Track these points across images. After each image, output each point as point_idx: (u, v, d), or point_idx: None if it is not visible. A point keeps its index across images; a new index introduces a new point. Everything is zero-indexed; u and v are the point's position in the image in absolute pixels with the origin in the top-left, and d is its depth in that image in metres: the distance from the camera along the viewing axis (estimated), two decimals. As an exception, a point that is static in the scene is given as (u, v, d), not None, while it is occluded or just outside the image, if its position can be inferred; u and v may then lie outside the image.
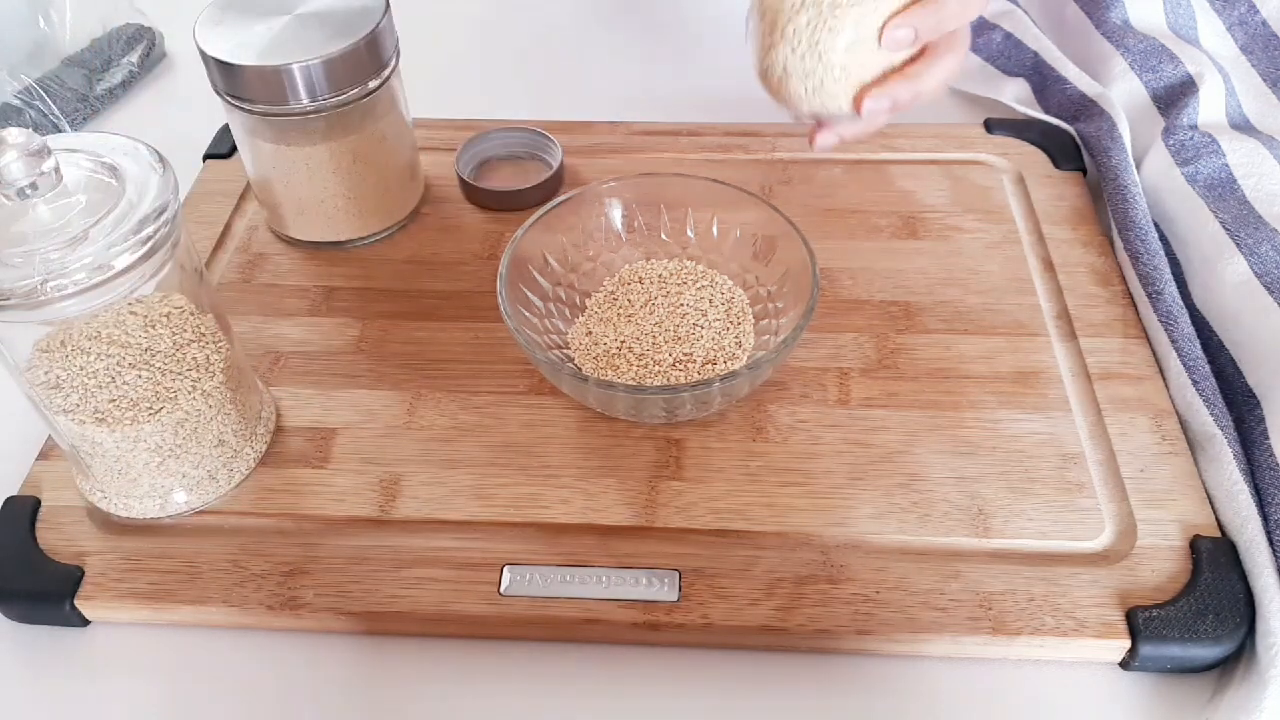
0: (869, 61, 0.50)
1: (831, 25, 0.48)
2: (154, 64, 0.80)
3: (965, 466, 0.48)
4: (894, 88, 0.49)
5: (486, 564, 0.45)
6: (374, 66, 0.55)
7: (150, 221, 0.40)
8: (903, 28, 0.48)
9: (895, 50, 0.49)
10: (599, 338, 0.53)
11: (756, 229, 0.54)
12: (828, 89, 0.50)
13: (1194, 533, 0.45)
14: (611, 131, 0.68)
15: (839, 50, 0.49)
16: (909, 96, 0.50)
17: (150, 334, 0.44)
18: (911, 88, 0.50)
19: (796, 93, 0.51)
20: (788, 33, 0.49)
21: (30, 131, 0.39)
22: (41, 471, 0.50)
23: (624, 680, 0.44)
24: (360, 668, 0.44)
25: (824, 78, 0.50)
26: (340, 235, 0.61)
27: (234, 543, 0.47)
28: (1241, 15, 0.69)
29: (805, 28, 0.49)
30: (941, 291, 0.57)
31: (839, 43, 0.49)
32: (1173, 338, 0.52)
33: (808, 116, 0.53)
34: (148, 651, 0.45)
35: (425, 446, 0.50)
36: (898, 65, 0.50)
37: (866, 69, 0.50)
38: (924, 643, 0.43)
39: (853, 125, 0.53)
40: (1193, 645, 0.42)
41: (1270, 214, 0.55)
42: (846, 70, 0.50)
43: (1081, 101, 0.66)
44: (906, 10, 0.48)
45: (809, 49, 0.49)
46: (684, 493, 0.48)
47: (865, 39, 0.49)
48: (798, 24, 0.49)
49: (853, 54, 0.49)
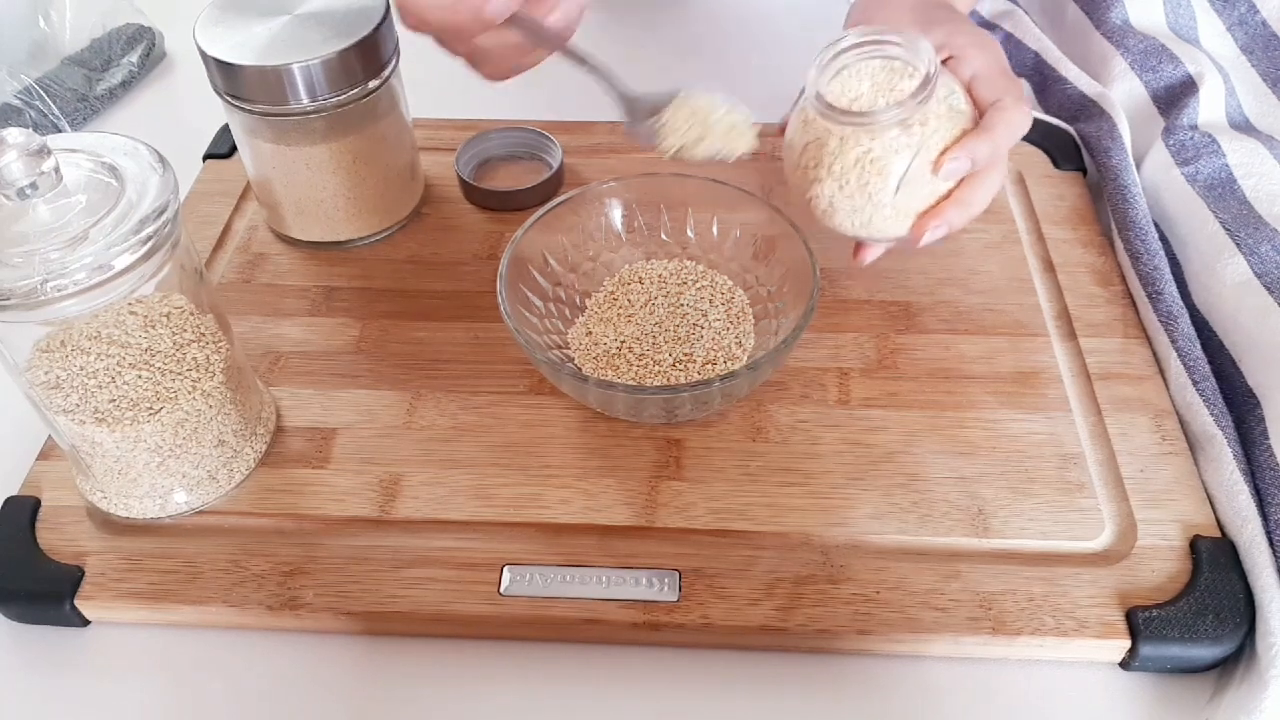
0: (920, 193, 0.48)
1: (881, 169, 0.47)
2: (154, 64, 0.80)
3: (965, 466, 0.48)
4: (950, 214, 0.49)
5: (486, 564, 0.45)
6: (374, 66, 0.55)
7: (150, 221, 0.40)
8: (960, 159, 0.47)
9: (950, 180, 0.48)
10: (599, 338, 0.53)
11: (756, 229, 0.54)
12: (876, 223, 0.49)
13: (1194, 533, 0.45)
14: (611, 131, 0.68)
15: (888, 191, 0.48)
16: (962, 220, 0.49)
17: (150, 334, 0.44)
18: (966, 213, 0.49)
19: (842, 224, 0.50)
20: (835, 170, 0.48)
21: (30, 131, 0.39)
22: (41, 471, 0.50)
23: (624, 680, 0.44)
24: (360, 668, 0.44)
25: (873, 215, 0.49)
26: (340, 235, 0.61)
27: (234, 543, 0.47)
28: (1241, 15, 0.69)
29: (854, 167, 0.47)
30: (941, 291, 0.57)
31: (889, 184, 0.47)
32: (1173, 338, 0.52)
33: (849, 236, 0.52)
34: (148, 651, 0.45)
35: (425, 446, 0.50)
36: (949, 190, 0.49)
37: (917, 199, 0.49)
38: (924, 643, 0.43)
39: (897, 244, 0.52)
40: (1193, 645, 0.42)
41: (1270, 214, 0.55)
42: (896, 208, 0.49)
43: (1081, 101, 0.66)
44: (960, 144, 0.47)
45: (858, 189, 0.48)
46: (684, 493, 0.48)
47: (917, 176, 0.48)
48: (845, 163, 0.48)
49: (904, 191, 0.48)
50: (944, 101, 0.47)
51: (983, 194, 0.49)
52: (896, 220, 0.49)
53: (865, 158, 0.47)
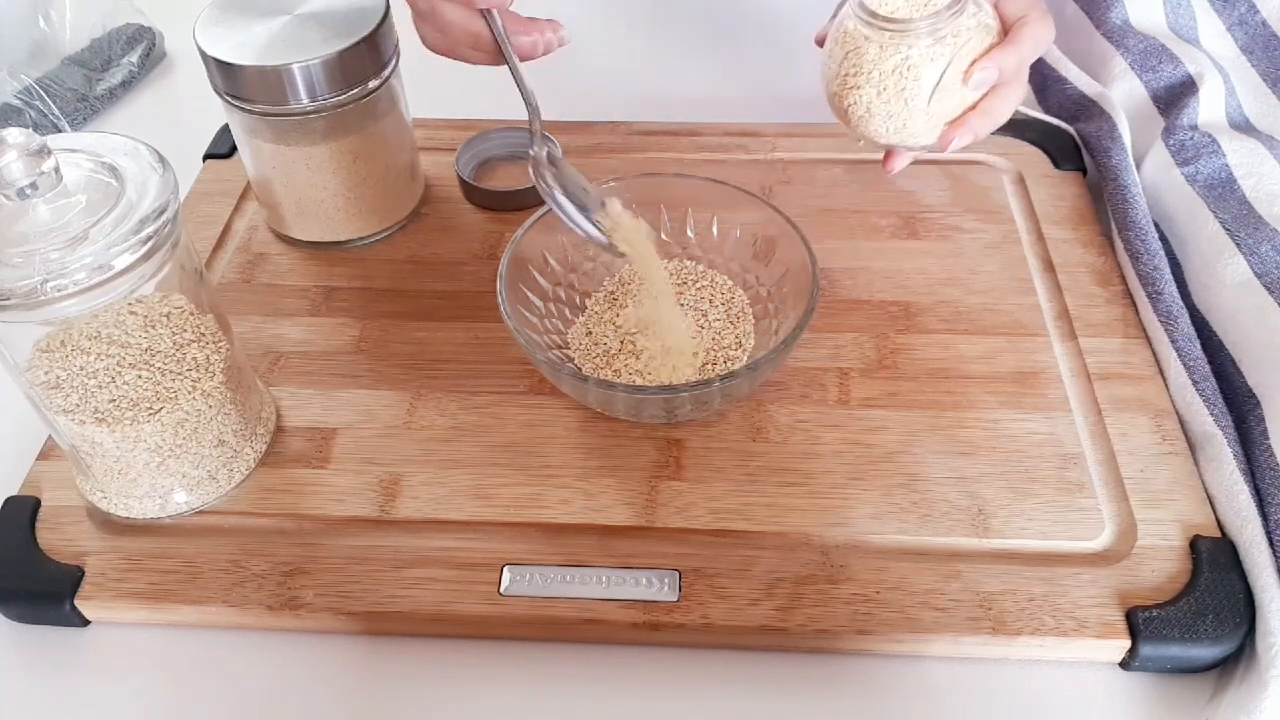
0: (950, 101, 0.53)
1: (918, 75, 0.51)
2: (154, 64, 0.80)
3: (965, 466, 0.48)
4: (975, 123, 0.53)
5: (486, 564, 0.45)
6: (374, 66, 0.55)
7: (150, 221, 0.40)
8: (989, 69, 0.52)
9: (979, 90, 0.52)
10: (599, 338, 0.53)
11: (756, 229, 0.54)
12: (910, 129, 0.54)
13: (1194, 533, 0.45)
14: (611, 131, 0.68)
15: (923, 96, 0.52)
16: (987, 130, 0.54)
17: (150, 334, 0.44)
18: (990, 122, 0.54)
19: (877, 130, 0.54)
20: (874, 77, 0.52)
21: (30, 131, 0.39)
22: (41, 471, 0.50)
23: (624, 680, 0.44)
24: (360, 668, 0.44)
25: (907, 120, 0.53)
26: (340, 235, 0.61)
27: (234, 543, 0.47)
28: (1241, 15, 0.69)
29: (892, 75, 0.52)
30: (941, 291, 0.57)
31: (924, 90, 0.52)
32: (1173, 338, 0.52)
33: (881, 146, 0.57)
34: (148, 651, 0.45)
35: (425, 446, 0.50)
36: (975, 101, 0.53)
37: (947, 108, 0.53)
38: (924, 643, 0.43)
39: (924, 151, 0.57)
40: (1193, 645, 0.42)
41: (1270, 214, 0.55)
42: (929, 114, 0.53)
43: (1081, 101, 0.66)
44: (989, 54, 0.52)
45: (895, 94, 0.52)
46: (684, 493, 0.48)
47: (948, 85, 0.52)
48: (884, 69, 0.52)
49: (938, 98, 0.52)
50: (974, 16, 0.52)
51: (1006, 105, 0.54)
52: (928, 127, 0.54)
53: (904, 65, 0.51)
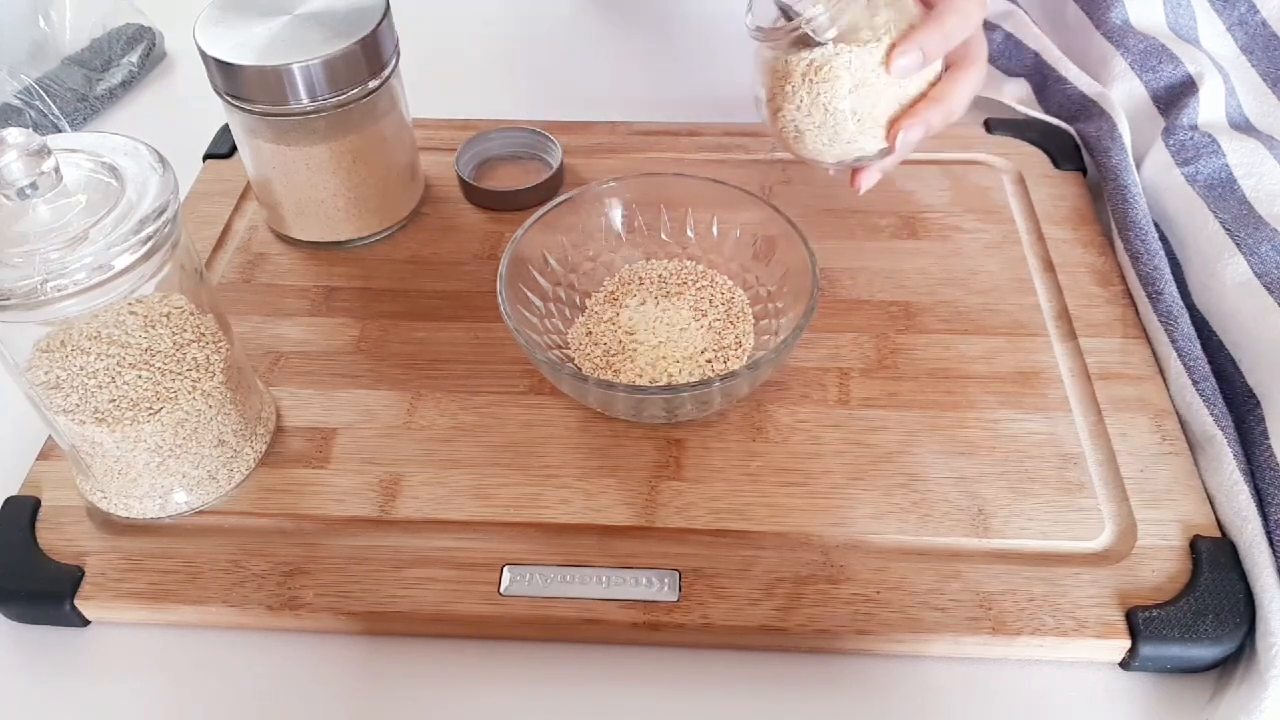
0: (882, 97, 0.49)
1: (826, 75, 0.48)
2: (154, 64, 0.80)
3: (965, 466, 0.48)
4: (925, 114, 0.48)
5: (486, 564, 0.45)
6: (374, 66, 0.55)
7: (150, 221, 0.40)
8: (908, 54, 0.47)
9: (905, 77, 0.48)
10: (599, 338, 0.53)
11: (756, 229, 0.54)
12: (844, 136, 0.50)
13: (1194, 533, 0.45)
14: (611, 131, 0.68)
15: (843, 97, 0.48)
16: (941, 119, 0.49)
17: (150, 334, 0.44)
18: (941, 110, 0.49)
19: (814, 147, 0.51)
20: (788, 92, 0.49)
21: (30, 131, 0.39)
22: (41, 471, 0.50)
23: (624, 680, 0.44)
24: (360, 668, 0.44)
25: (836, 127, 0.50)
26: (340, 235, 0.61)
27: (234, 543, 0.47)
28: (1241, 15, 0.69)
29: (803, 84, 0.49)
30: (941, 291, 0.57)
31: (840, 89, 0.48)
32: (1173, 338, 0.52)
33: (838, 166, 0.53)
34: (148, 651, 0.45)
35: (425, 446, 0.50)
36: (923, 92, 0.49)
37: (881, 105, 0.49)
38: (924, 643, 0.43)
39: (887, 159, 0.53)
40: (1193, 645, 0.42)
41: (1270, 214, 0.55)
42: (858, 114, 0.49)
43: (1081, 101, 0.66)
44: (906, 37, 0.47)
45: (812, 103, 0.49)
46: (684, 493, 0.48)
47: (868, 80, 0.48)
48: (794, 81, 0.49)
49: (860, 96, 0.48)
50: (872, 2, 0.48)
51: (959, 89, 0.49)
52: (865, 132, 0.50)
53: (810, 69, 0.48)
